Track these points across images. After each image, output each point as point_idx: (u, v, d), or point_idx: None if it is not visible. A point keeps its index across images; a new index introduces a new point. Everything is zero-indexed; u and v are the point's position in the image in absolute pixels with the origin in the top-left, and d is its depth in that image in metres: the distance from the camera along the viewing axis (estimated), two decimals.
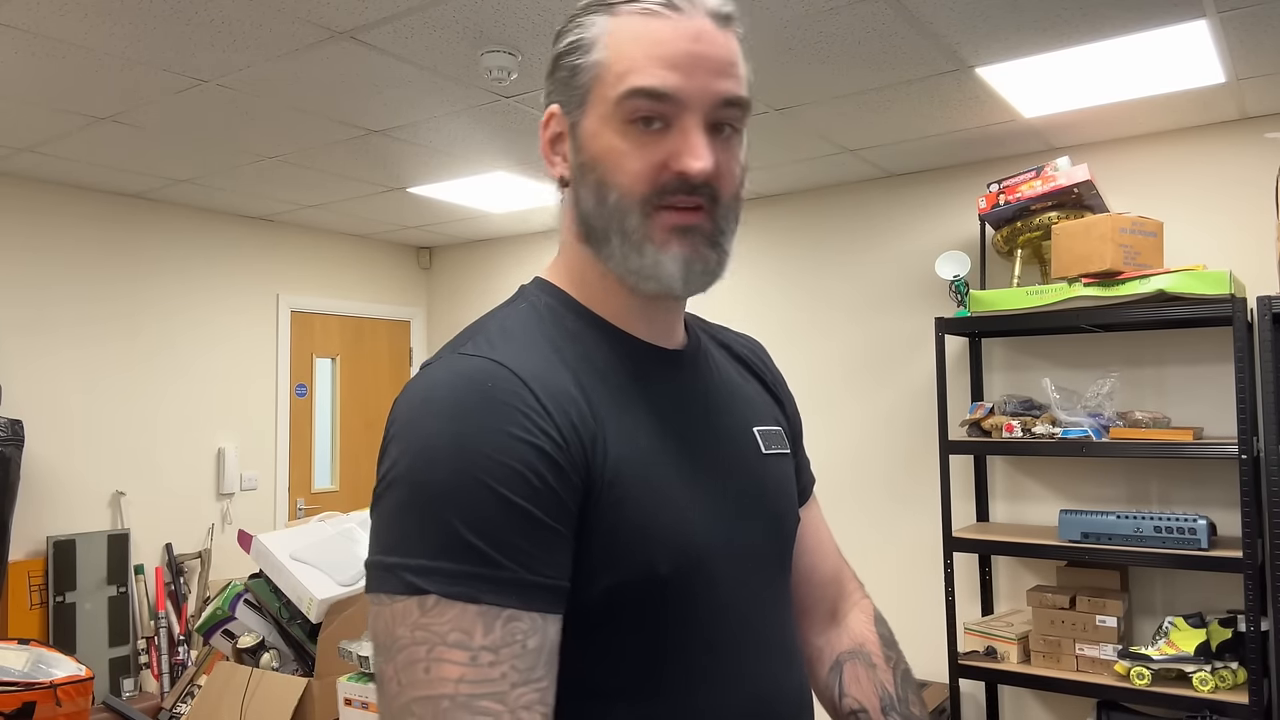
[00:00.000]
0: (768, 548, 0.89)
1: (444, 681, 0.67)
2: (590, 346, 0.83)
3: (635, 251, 0.80)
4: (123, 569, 3.94)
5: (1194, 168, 3.15)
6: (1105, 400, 2.96)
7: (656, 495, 0.78)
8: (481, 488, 0.70)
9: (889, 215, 3.79)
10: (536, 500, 0.71)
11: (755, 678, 0.84)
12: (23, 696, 2.79)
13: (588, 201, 0.82)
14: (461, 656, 0.67)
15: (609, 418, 0.79)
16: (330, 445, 4.98)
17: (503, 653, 0.68)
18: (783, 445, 0.96)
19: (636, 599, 0.77)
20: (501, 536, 0.69)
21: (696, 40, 0.79)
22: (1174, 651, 2.70)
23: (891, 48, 2.48)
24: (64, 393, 3.86)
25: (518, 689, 0.68)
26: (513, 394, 0.73)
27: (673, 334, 0.90)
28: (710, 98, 0.79)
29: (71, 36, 2.38)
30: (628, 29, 0.79)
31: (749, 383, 0.99)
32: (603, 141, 0.80)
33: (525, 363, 0.76)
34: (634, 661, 0.77)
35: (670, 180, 0.78)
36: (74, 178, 3.80)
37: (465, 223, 4.72)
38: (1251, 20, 2.32)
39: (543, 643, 0.70)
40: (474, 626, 0.68)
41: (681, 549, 0.78)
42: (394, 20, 2.31)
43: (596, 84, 0.80)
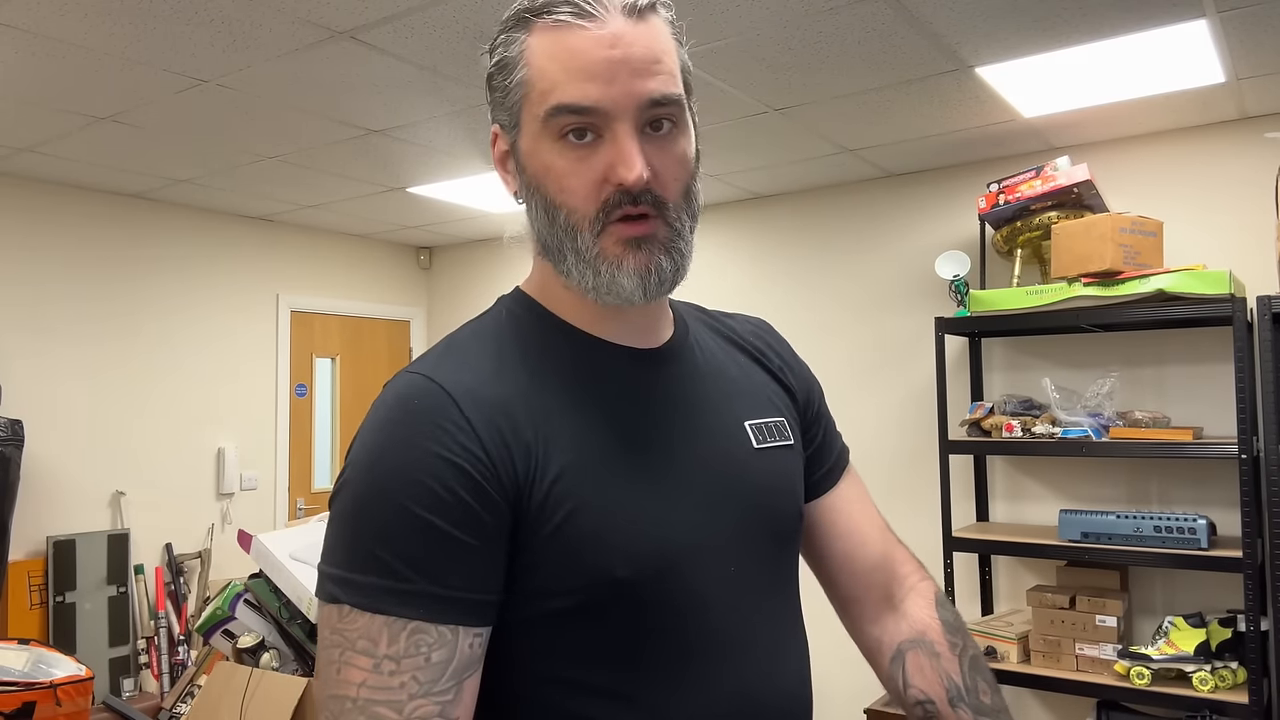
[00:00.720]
0: (758, 544, 0.88)
1: (349, 684, 0.71)
2: (556, 355, 0.84)
3: (591, 270, 0.80)
4: (123, 569, 3.94)
5: (1194, 168, 3.15)
6: (1105, 400, 2.96)
7: (609, 498, 0.78)
8: (391, 502, 0.72)
9: (889, 215, 3.79)
10: (446, 514, 0.72)
11: (740, 677, 0.83)
12: (23, 696, 2.79)
13: (539, 220, 0.83)
14: (366, 663, 0.71)
15: (562, 425, 0.79)
16: (330, 445, 4.98)
17: (404, 663, 0.71)
18: (783, 437, 0.94)
19: (600, 603, 0.77)
20: (409, 550, 0.71)
21: (613, 46, 0.77)
22: (1174, 651, 2.70)
23: (891, 48, 2.48)
24: (64, 393, 3.86)
25: (415, 700, 0.70)
26: (436, 410, 0.75)
27: (650, 333, 0.89)
28: (635, 101, 0.77)
29: (71, 36, 2.38)
30: (544, 44, 0.78)
31: (750, 372, 0.97)
32: (540, 160, 0.80)
33: (461, 379, 0.78)
34: (608, 664, 0.78)
35: (613, 194, 0.78)
36: (74, 178, 3.80)
37: (465, 223, 4.72)
38: (1251, 20, 2.32)
39: (449, 656, 0.72)
40: (380, 635, 0.71)
41: (641, 551, 0.78)
42: (394, 20, 2.31)
43: (525, 103, 0.80)
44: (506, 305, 0.90)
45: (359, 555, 0.73)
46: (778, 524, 0.91)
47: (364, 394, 5.09)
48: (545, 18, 0.78)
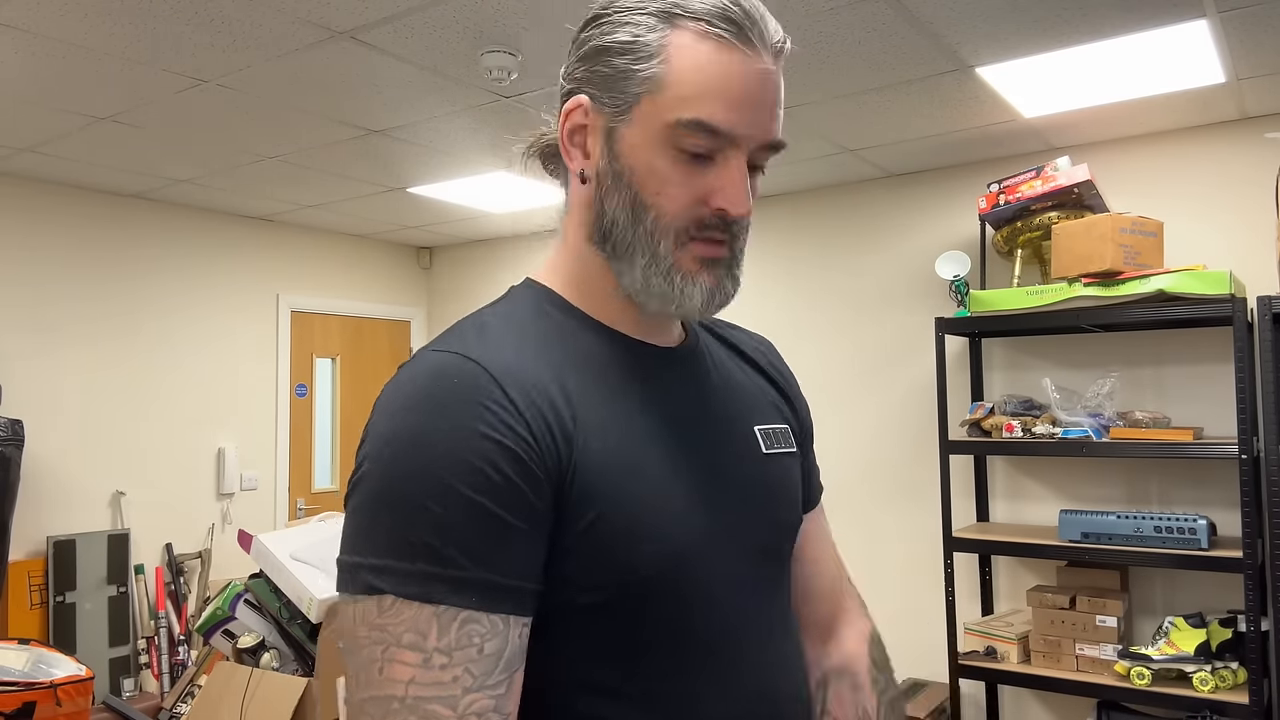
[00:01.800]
0: (766, 546, 0.88)
1: (395, 683, 0.66)
2: (580, 344, 0.82)
3: (663, 276, 0.79)
4: (123, 569, 3.94)
5: (1194, 168, 3.15)
6: (1105, 400, 2.96)
7: (640, 493, 0.77)
8: (439, 484, 0.68)
9: (889, 215, 3.79)
10: (497, 497, 0.69)
11: (753, 675, 0.83)
12: (23, 696, 2.79)
13: (618, 213, 0.80)
14: (414, 658, 0.66)
15: (592, 415, 0.77)
16: (330, 445, 4.98)
17: (456, 655, 0.67)
18: (788, 444, 0.94)
19: (624, 597, 0.75)
20: (459, 535, 0.68)
21: (762, 84, 0.77)
22: (1174, 651, 2.70)
23: (891, 48, 2.48)
24: (64, 392, 3.86)
25: (470, 694, 0.67)
26: (478, 389, 0.72)
27: (667, 333, 0.89)
28: (760, 141, 0.79)
29: (71, 36, 2.38)
30: (695, 52, 0.76)
31: (755, 380, 0.98)
32: (645, 158, 0.78)
33: (497, 358, 0.75)
34: (628, 659, 0.76)
35: (709, 216, 0.79)
36: (74, 178, 3.80)
37: (465, 223, 4.72)
38: (1251, 20, 2.32)
39: (501, 647, 0.69)
40: (429, 627, 0.67)
41: (667, 548, 0.77)
42: (394, 20, 2.31)
43: (649, 98, 0.77)
44: (525, 294, 0.87)
45: (402, 541, 0.68)
46: (782, 528, 0.91)
47: (364, 394, 5.09)
48: (699, 23, 0.76)
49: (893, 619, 3.65)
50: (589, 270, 0.85)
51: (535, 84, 2.73)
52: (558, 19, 2.31)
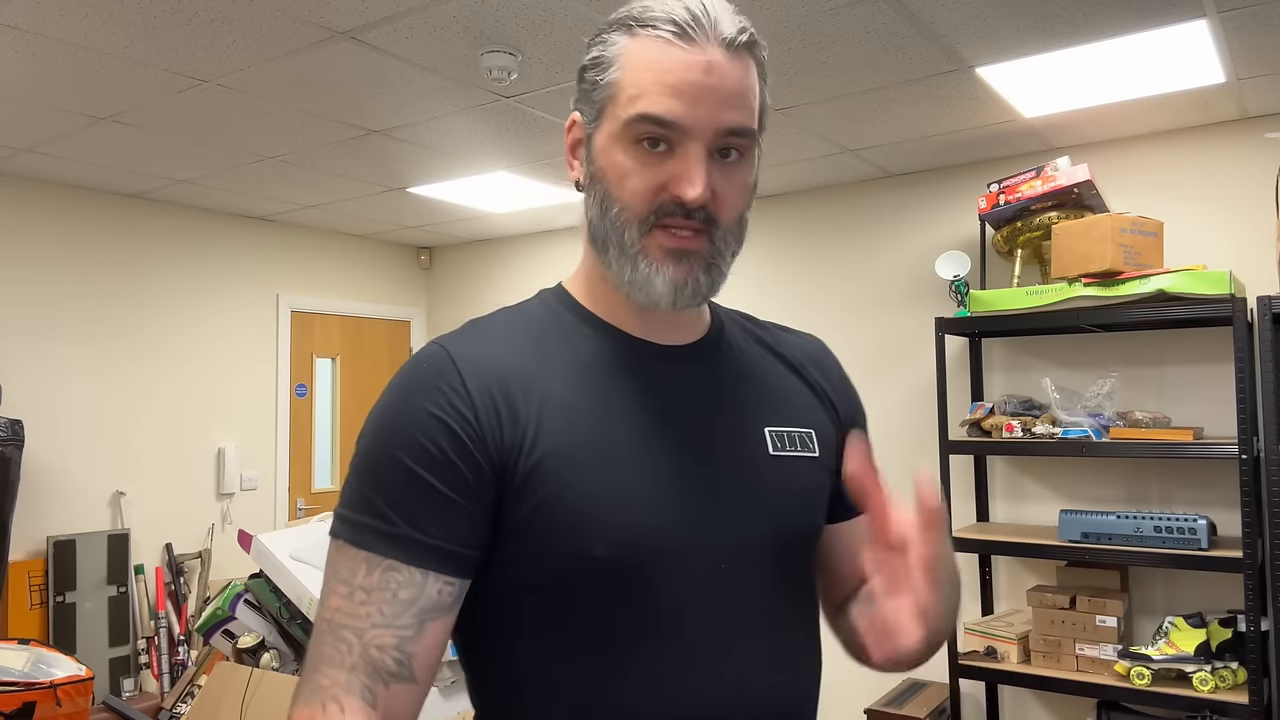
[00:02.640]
0: (757, 547, 0.87)
1: (328, 608, 0.80)
2: (576, 343, 0.89)
3: (630, 264, 0.85)
4: (123, 569, 3.94)
5: (1194, 168, 3.15)
6: (1105, 400, 2.96)
7: (602, 479, 0.82)
8: (388, 455, 0.81)
9: (889, 215, 3.79)
10: (432, 468, 0.80)
11: (699, 674, 0.83)
12: (23, 696, 2.79)
13: (594, 209, 0.88)
14: (343, 590, 0.80)
15: (560, 407, 0.84)
16: (330, 445, 4.98)
17: (374, 595, 0.79)
18: (804, 449, 0.94)
19: (572, 581, 0.81)
20: (395, 497, 0.79)
21: (707, 73, 0.82)
22: (1174, 651, 2.70)
23: (891, 48, 2.48)
24: (64, 393, 3.86)
25: (376, 629, 0.78)
26: (438, 374, 0.83)
27: (674, 331, 0.93)
28: (713, 127, 0.82)
29: (71, 36, 2.38)
30: (643, 53, 0.83)
31: (784, 382, 0.98)
32: (610, 156, 0.85)
33: (468, 349, 0.85)
34: (579, 637, 0.82)
35: (668, 202, 0.83)
36: (74, 178, 3.80)
37: (465, 223, 4.72)
38: (1251, 20, 2.32)
39: (415, 596, 0.79)
40: (359, 568, 0.79)
41: (622, 533, 0.81)
42: (394, 20, 2.31)
43: (610, 102, 0.85)
44: (543, 295, 0.96)
45: (357, 498, 0.81)
46: (783, 530, 0.90)
47: (364, 394, 5.09)
48: (648, 29, 0.83)
49: None
50: (593, 271, 0.92)
51: (535, 84, 2.73)
52: (557, 19, 2.31)
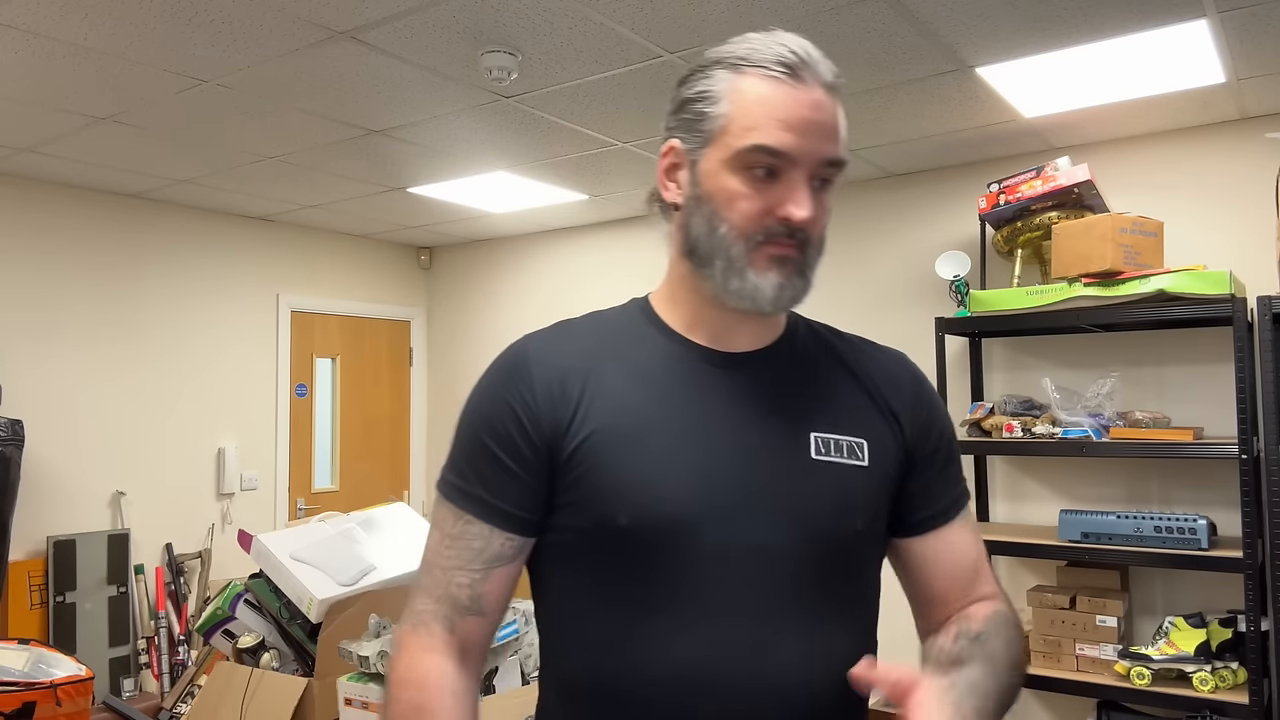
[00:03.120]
0: (783, 543, 0.93)
1: (428, 548, 1.01)
2: (641, 345, 1.01)
3: (737, 275, 0.95)
4: (123, 569, 3.94)
5: (1194, 168, 3.15)
6: (1105, 400, 2.96)
7: (635, 459, 0.93)
8: (471, 430, 1.00)
9: (889, 215, 3.79)
10: (500, 444, 0.97)
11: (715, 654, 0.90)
12: (23, 696, 2.78)
13: (699, 227, 0.96)
14: (437, 535, 1.00)
15: (610, 399, 0.96)
16: (330, 445, 4.98)
17: (457, 542, 0.98)
18: (853, 456, 0.99)
19: (602, 543, 0.93)
20: (474, 466, 0.98)
21: (814, 109, 0.92)
22: (1174, 651, 2.70)
23: (891, 48, 2.48)
24: (64, 392, 3.86)
25: (456, 570, 0.97)
26: (515, 365, 0.99)
27: (737, 341, 1.02)
28: (816, 158, 0.93)
29: (71, 36, 2.38)
30: (754, 89, 0.93)
31: (845, 392, 1.03)
32: (719, 181, 0.94)
33: (545, 345, 1.00)
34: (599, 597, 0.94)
35: (774, 224, 0.93)
36: (74, 178, 3.80)
37: (465, 223, 4.72)
38: (1251, 20, 2.32)
39: (484, 547, 0.97)
40: (450, 519, 0.99)
41: (646, 506, 0.92)
42: (394, 20, 2.31)
43: (720, 132, 0.94)
44: (629, 303, 1.08)
45: (452, 461, 1.01)
46: (815, 530, 0.95)
47: (364, 394, 5.09)
48: (759, 69, 0.93)
49: (892, 620, 3.65)
50: (676, 284, 1.04)
51: (535, 84, 2.73)
52: (558, 19, 2.31)
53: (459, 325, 5.31)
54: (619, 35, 2.40)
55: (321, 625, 2.29)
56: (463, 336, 5.29)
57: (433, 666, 0.95)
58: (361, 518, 2.66)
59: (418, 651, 0.96)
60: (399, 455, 5.28)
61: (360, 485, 5.03)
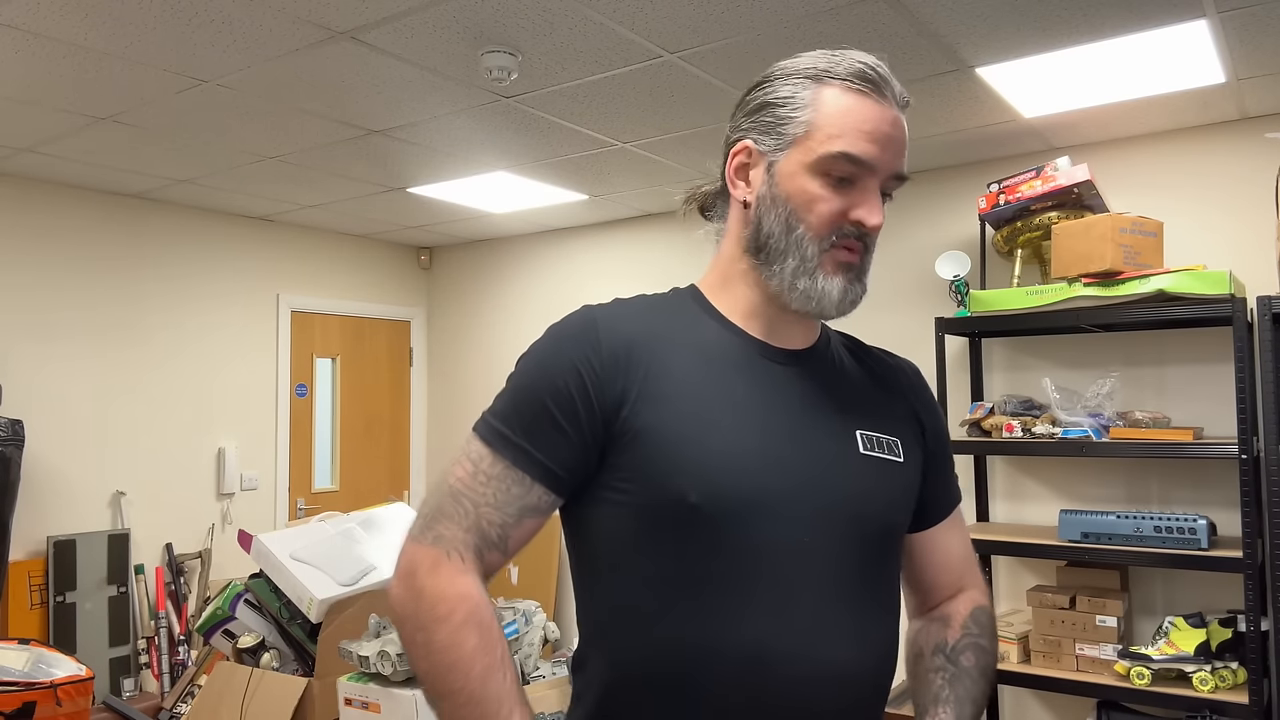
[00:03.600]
0: (839, 529, 0.98)
1: (453, 475, 0.99)
2: (700, 330, 1.04)
3: (808, 276, 1.00)
4: (123, 569, 3.94)
5: (1194, 168, 3.15)
6: (1105, 400, 2.96)
7: (706, 437, 0.95)
8: (530, 385, 0.99)
9: (889, 215, 3.79)
10: (559, 404, 0.96)
11: (778, 630, 0.93)
12: (23, 696, 2.79)
13: (773, 226, 1.01)
14: (469, 468, 0.99)
15: (672, 372, 0.98)
16: (330, 445, 4.98)
17: (493, 482, 0.97)
18: (894, 454, 1.06)
19: (667, 517, 0.94)
20: (526, 421, 0.98)
21: (893, 125, 0.99)
22: (1174, 651, 2.70)
23: (891, 48, 2.48)
24: (64, 392, 3.86)
25: (488, 507, 0.97)
26: (582, 330, 1.00)
27: (788, 339, 1.06)
28: (890, 171, 1.00)
29: (71, 36, 2.38)
30: (839, 101, 0.99)
31: (877, 393, 1.11)
32: (798, 183, 0.99)
33: (611, 316, 1.01)
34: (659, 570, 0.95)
35: (847, 227, 1.00)
36: (74, 178, 3.80)
37: (465, 223, 4.72)
38: (1251, 20, 2.32)
39: (522, 495, 0.97)
40: (486, 458, 0.98)
41: (718, 485, 0.94)
42: (394, 20, 2.31)
43: (804, 138, 0.99)
44: (678, 291, 1.10)
45: (502, 408, 1.00)
46: (866, 519, 1.01)
47: (364, 394, 5.09)
48: (845, 82, 0.99)
49: None
50: (735, 275, 1.06)
51: (535, 84, 2.73)
52: (558, 19, 2.31)
53: (459, 325, 5.31)
54: (619, 35, 2.40)
55: (321, 625, 2.29)
56: (463, 337, 5.29)
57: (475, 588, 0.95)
58: (361, 518, 2.66)
59: (456, 574, 0.95)
60: (399, 455, 5.28)
61: (360, 485, 5.03)
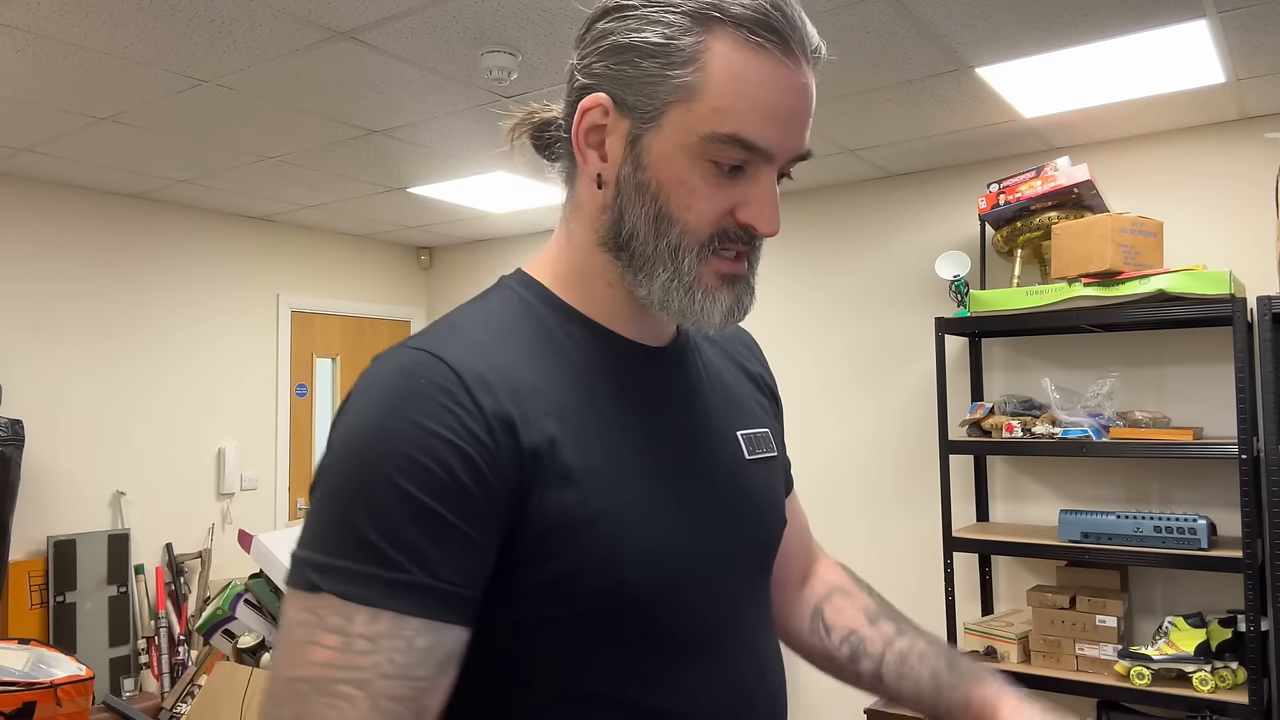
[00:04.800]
0: (748, 552, 0.86)
1: (309, 663, 0.65)
2: (569, 345, 0.80)
3: (684, 292, 0.77)
4: (123, 569, 3.94)
5: (1194, 168, 3.15)
6: (1105, 400, 2.96)
7: (626, 499, 0.75)
8: (389, 484, 0.66)
9: (889, 215, 3.79)
10: (447, 500, 0.67)
11: (727, 678, 0.81)
12: (23, 696, 2.78)
13: (639, 224, 0.77)
14: (335, 641, 0.65)
15: (574, 421, 0.75)
16: None
17: (382, 643, 0.65)
18: (769, 449, 0.92)
19: (605, 603, 0.74)
20: (404, 537, 0.66)
21: (800, 95, 0.75)
22: (1174, 651, 2.70)
23: (891, 48, 2.48)
24: (64, 392, 3.86)
25: (388, 679, 0.64)
26: (440, 388, 0.69)
27: (660, 332, 0.87)
28: (792, 153, 0.77)
29: (71, 36, 2.38)
30: (735, 61, 0.72)
31: (739, 381, 0.96)
32: (674, 170, 0.75)
33: (468, 358, 0.72)
34: (606, 664, 0.75)
35: (733, 228, 0.77)
36: (74, 178, 3.80)
37: (465, 223, 4.72)
38: (1251, 20, 2.32)
39: (434, 645, 0.67)
40: (355, 615, 0.65)
41: (653, 557, 0.75)
42: (394, 20, 2.31)
43: (682, 106, 0.73)
44: (515, 289, 0.84)
45: (346, 539, 0.66)
46: (766, 534, 0.90)
47: None
48: (741, 30, 0.72)
49: None
50: (591, 272, 0.82)
51: (535, 84, 2.73)
52: (558, 19, 2.31)
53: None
54: None
55: None
56: None
57: None
58: None
59: None
60: None
61: None
